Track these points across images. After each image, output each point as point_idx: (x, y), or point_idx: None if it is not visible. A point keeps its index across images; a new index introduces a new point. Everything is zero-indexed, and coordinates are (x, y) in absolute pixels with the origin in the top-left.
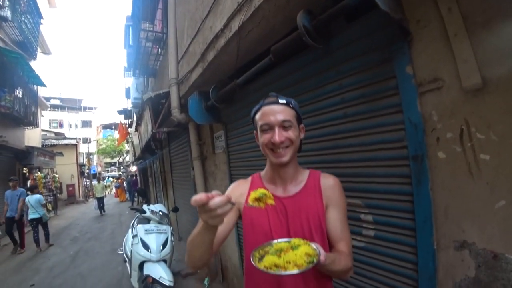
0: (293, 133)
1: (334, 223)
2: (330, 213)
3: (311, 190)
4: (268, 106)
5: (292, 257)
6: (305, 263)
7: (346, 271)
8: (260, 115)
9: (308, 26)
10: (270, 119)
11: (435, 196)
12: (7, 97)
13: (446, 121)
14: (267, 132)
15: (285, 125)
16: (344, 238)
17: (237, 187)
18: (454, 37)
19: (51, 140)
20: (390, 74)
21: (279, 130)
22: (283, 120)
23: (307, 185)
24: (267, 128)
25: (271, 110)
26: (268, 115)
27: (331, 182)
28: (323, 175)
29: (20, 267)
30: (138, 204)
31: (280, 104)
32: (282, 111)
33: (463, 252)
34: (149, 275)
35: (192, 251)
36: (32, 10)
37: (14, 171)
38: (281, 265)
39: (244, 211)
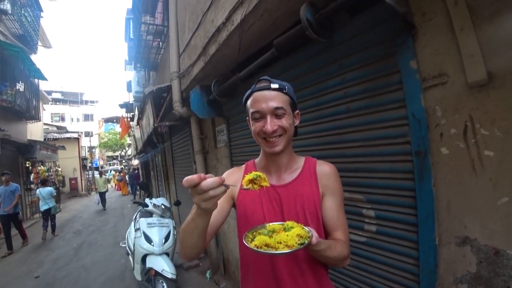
0: (287, 121)
1: (331, 211)
2: (327, 201)
3: (306, 178)
4: (260, 92)
5: (284, 238)
6: (296, 244)
7: (342, 259)
8: (251, 102)
9: (311, 20)
10: (261, 107)
11: (438, 192)
12: (8, 91)
13: (450, 117)
14: (258, 120)
15: (278, 113)
16: (341, 226)
17: (230, 174)
18: (460, 31)
19: (53, 134)
20: (394, 69)
21: (271, 118)
22: (275, 107)
23: (303, 172)
24: (258, 116)
25: (262, 96)
26: (259, 102)
27: (327, 169)
28: (319, 162)
29: (25, 259)
30: (140, 198)
31: (273, 89)
32: (275, 97)
33: (465, 247)
34: (152, 268)
35: (185, 239)
36: (32, 3)
37: (17, 164)
38: (272, 245)
39: (238, 199)
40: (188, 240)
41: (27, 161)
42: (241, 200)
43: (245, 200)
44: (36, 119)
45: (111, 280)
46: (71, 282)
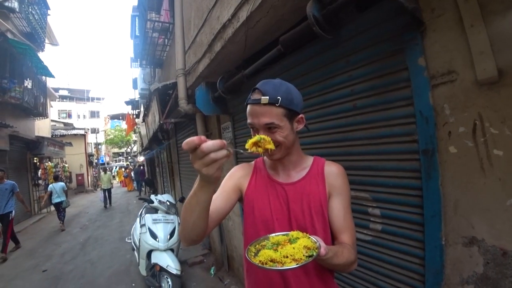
0: (280, 135)
1: (337, 212)
2: (333, 202)
3: (314, 177)
4: (252, 106)
5: (290, 251)
6: (304, 256)
7: (349, 265)
8: (247, 113)
9: (317, 16)
10: (253, 121)
11: (445, 191)
12: (16, 88)
13: (459, 115)
14: (255, 131)
15: (270, 128)
16: (348, 228)
17: (240, 168)
18: (470, 28)
19: (60, 131)
20: (401, 66)
21: (264, 132)
22: (265, 123)
23: (310, 172)
24: (253, 127)
25: (254, 111)
26: (252, 116)
27: (335, 170)
28: (327, 162)
29: (33, 253)
30: (145, 194)
31: (263, 104)
32: (265, 113)
33: (472, 248)
34: (157, 264)
35: (186, 218)
36: (39, 1)
37: (25, 160)
38: (278, 260)
39: (246, 194)
40: (188, 218)
41: (35, 157)
42: (249, 195)
43: (253, 195)
44: (44, 116)
45: (116, 274)
46: (78, 276)
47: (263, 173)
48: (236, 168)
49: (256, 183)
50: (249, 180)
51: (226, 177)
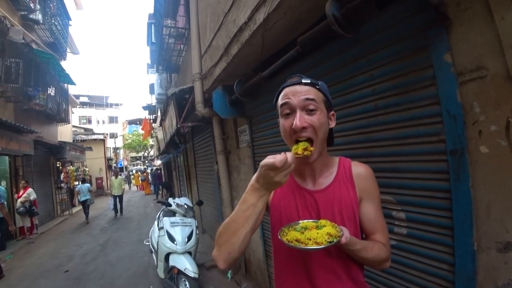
0: (319, 118)
1: (369, 217)
2: (365, 206)
3: (343, 182)
4: (290, 87)
5: (314, 235)
6: (325, 241)
7: (380, 261)
8: (281, 97)
9: (337, 15)
10: (290, 99)
11: (476, 193)
12: (40, 96)
13: (490, 113)
14: (288, 116)
15: (309, 106)
16: (380, 228)
17: None
18: (501, 20)
19: (81, 136)
20: (426, 63)
21: (301, 113)
22: (305, 98)
23: (338, 175)
24: (287, 110)
25: (292, 90)
26: (288, 96)
27: (363, 172)
28: (354, 163)
29: (56, 254)
30: (162, 197)
31: (304, 84)
32: (307, 90)
33: (507, 254)
34: (175, 266)
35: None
36: (61, 13)
37: (48, 164)
38: (302, 241)
39: (272, 203)
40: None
41: (57, 161)
42: (276, 205)
43: (280, 204)
44: (66, 122)
45: (135, 276)
46: (98, 277)
47: (289, 181)
48: None
49: (282, 191)
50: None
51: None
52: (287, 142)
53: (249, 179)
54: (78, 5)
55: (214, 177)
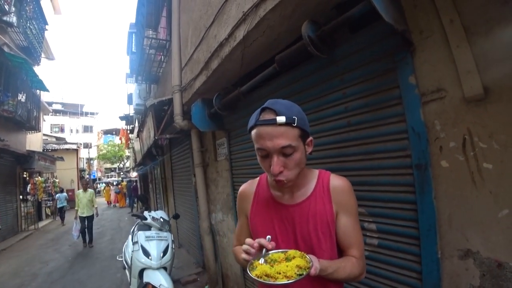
0: (295, 159)
1: (345, 230)
2: (341, 220)
3: (319, 196)
4: (264, 127)
5: (283, 268)
6: (295, 275)
7: (354, 278)
8: (255, 136)
9: (312, 36)
10: (266, 145)
11: (439, 205)
12: (10, 101)
13: (449, 130)
14: (264, 158)
15: (286, 152)
16: (355, 243)
17: (242, 193)
18: (457, 48)
19: (52, 145)
20: (393, 84)
21: (278, 157)
22: (282, 146)
23: (316, 190)
24: (264, 154)
25: (267, 134)
26: (263, 139)
27: (340, 185)
28: (332, 177)
29: (18, 272)
30: (138, 210)
31: (279, 125)
32: (282, 134)
33: (468, 260)
34: (149, 283)
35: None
36: (37, 16)
37: (14, 175)
38: (272, 275)
39: (250, 218)
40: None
41: (24, 172)
42: (252, 219)
43: (256, 219)
44: (36, 130)
45: None
46: None
47: (266, 194)
48: (240, 195)
49: (257, 205)
50: (251, 204)
51: (237, 204)
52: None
53: (226, 192)
54: (56, 9)
55: (191, 190)
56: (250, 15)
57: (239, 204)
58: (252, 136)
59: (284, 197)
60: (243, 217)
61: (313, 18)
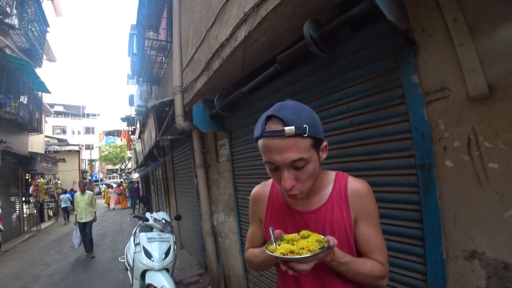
0: (309, 170)
1: (365, 238)
2: (361, 228)
3: (336, 202)
4: (271, 139)
5: (305, 244)
6: (317, 248)
7: (375, 278)
8: (262, 148)
9: (314, 36)
10: (275, 159)
11: (443, 205)
12: (12, 103)
13: (453, 130)
14: (274, 171)
15: (297, 165)
16: (377, 248)
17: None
18: (460, 46)
19: (54, 147)
20: (396, 83)
21: (289, 172)
22: (292, 160)
23: (332, 196)
24: (273, 167)
25: (275, 147)
26: (271, 152)
27: (359, 190)
28: (350, 180)
29: (20, 274)
30: (140, 212)
31: (287, 136)
32: (291, 147)
33: (473, 262)
34: (151, 284)
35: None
36: (39, 19)
37: (17, 176)
38: (296, 251)
39: (264, 223)
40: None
41: (27, 173)
42: (267, 225)
43: (271, 225)
44: (38, 132)
45: None
46: None
47: (280, 200)
48: (253, 198)
49: (272, 211)
50: (265, 209)
51: (250, 208)
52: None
53: (228, 193)
54: (58, 11)
55: (193, 191)
56: (251, 15)
57: (253, 208)
58: (259, 146)
59: (299, 203)
60: (257, 220)
61: (314, 17)
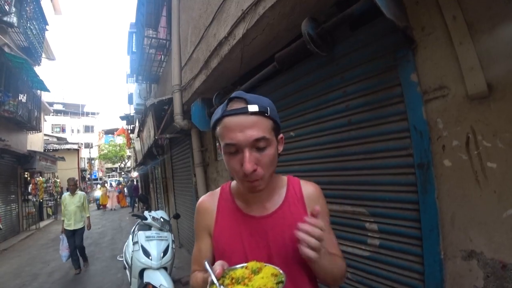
0: (269, 155)
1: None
2: None
3: (293, 203)
4: (234, 117)
5: (261, 282)
6: (275, 284)
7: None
8: (222, 130)
9: (312, 34)
10: (237, 138)
11: (442, 205)
12: (11, 102)
13: (452, 129)
14: (233, 155)
15: (259, 145)
16: (335, 246)
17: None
18: (460, 45)
19: (53, 145)
20: (394, 82)
21: (250, 152)
22: (256, 139)
23: (288, 198)
24: (233, 150)
25: (238, 125)
26: (234, 131)
27: (314, 191)
28: (303, 183)
29: (19, 272)
30: (139, 210)
31: (251, 113)
32: (254, 124)
33: (471, 261)
34: (150, 283)
35: None
36: (37, 17)
37: (15, 175)
38: None
39: (214, 236)
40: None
41: (26, 172)
42: (217, 237)
43: (221, 237)
44: (37, 130)
45: None
46: None
47: (231, 207)
48: (199, 209)
49: (222, 221)
50: (214, 219)
51: (196, 220)
52: (232, 175)
53: None
54: (57, 10)
55: (192, 189)
56: (249, 13)
57: (199, 221)
58: (217, 133)
59: (253, 208)
60: (205, 234)
61: (312, 15)
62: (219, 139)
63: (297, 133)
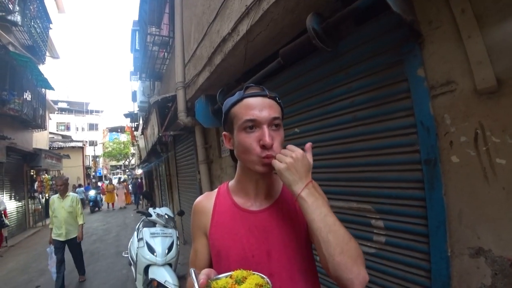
0: (281, 135)
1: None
2: None
3: (289, 197)
4: (254, 98)
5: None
6: None
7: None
8: (240, 109)
9: (317, 29)
10: (257, 115)
11: (449, 201)
12: (16, 100)
13: (460, 125)
14: (250, 132)
15: (276, 123)
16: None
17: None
18: (468, 39)
19: (58, 143)
20: (401, 77)
21: (269, 129)
22: (274, 117)
23: (284, 193)
24: (251, 124)
25: (258, 104)
26: (253, 108)
27: None
28: None
29: (26, 268)
30: (143, 207)
31: (269, 97)
32: (271, 106)
33: (479, 259)
34: (154, 279)
35: None
36: (41, 15)
37: (21, 172)
38: None
39: (210, 234)
40: None
41: (31, 169)
42: (213, 234)
43: (218, 234)
44: (42, 128)
45: None
46: None
47: (228, 203)
48: (195, 209)
49: (218, 218)
50: (210, 218)
51: (192, 221)
52: (243, 158)
53: None
54: (60, 8)
55: (196, 186)
56: (253, 8)
57: (195, 220)
58: (234, 113)
59: (251, 204)
60: (201, 236)
61: (317, 10)
62: (234, 120)
63: (302, 130)
